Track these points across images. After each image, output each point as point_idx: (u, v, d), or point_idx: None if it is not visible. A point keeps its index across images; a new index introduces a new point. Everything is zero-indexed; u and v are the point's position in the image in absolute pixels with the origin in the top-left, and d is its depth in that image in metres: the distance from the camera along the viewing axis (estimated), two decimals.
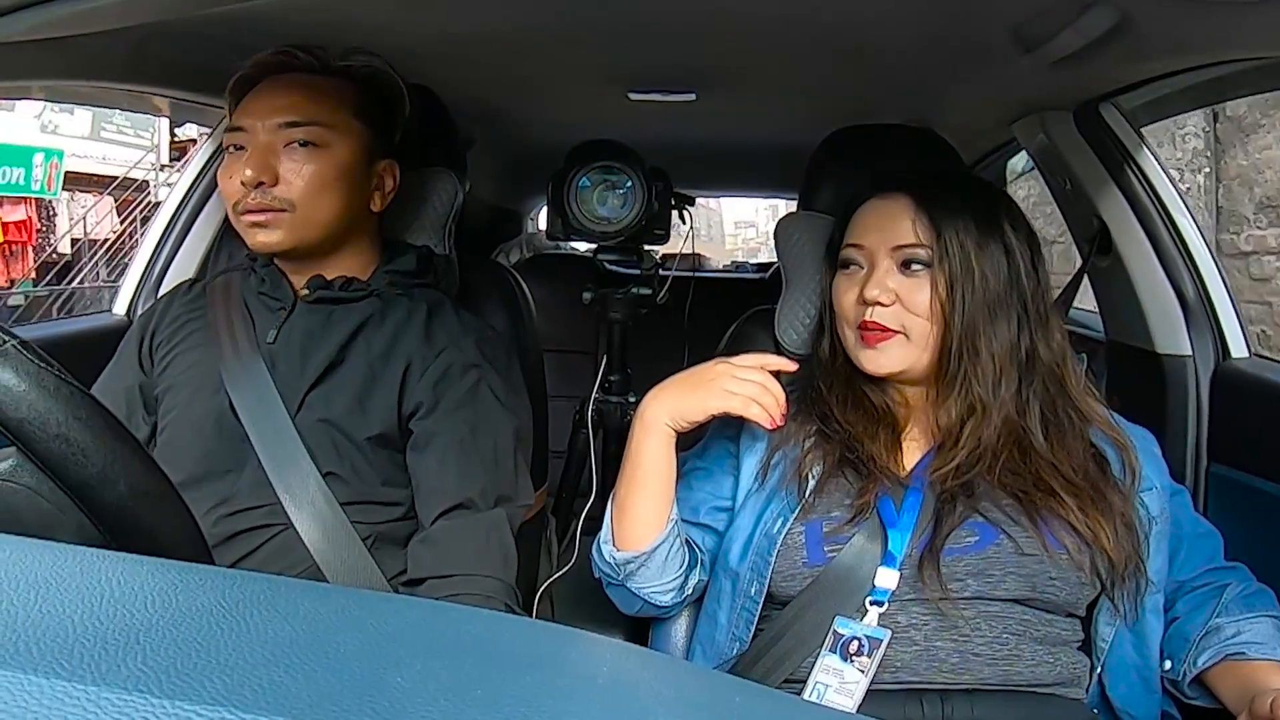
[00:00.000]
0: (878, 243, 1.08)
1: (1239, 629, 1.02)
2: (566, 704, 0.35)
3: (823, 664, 1.02)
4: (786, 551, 1.06)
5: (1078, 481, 1.03)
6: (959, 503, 1.04)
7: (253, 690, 0.31)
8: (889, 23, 1.36)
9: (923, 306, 1.06)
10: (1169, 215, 1.52)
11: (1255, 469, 1.39)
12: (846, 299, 1.10)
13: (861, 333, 1.08)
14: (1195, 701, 1.05)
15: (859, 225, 1.11)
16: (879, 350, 1.07)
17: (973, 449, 1.04)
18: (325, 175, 1.17)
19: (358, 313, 1.22)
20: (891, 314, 1.06)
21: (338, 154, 1.18)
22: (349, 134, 1.19)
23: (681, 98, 1.91)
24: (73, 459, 0.55)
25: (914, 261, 1.07)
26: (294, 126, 1.16)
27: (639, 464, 1.09)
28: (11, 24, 0.90)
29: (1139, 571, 1.02)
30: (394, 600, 0.42)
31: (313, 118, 1.17)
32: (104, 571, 0.41)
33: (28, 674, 0.31)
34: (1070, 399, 1.08)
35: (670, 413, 1.08)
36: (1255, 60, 1.20)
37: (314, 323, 1.21)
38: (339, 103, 1.20)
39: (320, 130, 1.17)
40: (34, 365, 0.54)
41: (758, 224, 15.58)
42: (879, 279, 1.07)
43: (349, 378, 1.18)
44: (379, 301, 1.23)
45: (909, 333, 1.06)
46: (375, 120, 1.23)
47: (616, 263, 1.87)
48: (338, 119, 1.18)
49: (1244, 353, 1.51)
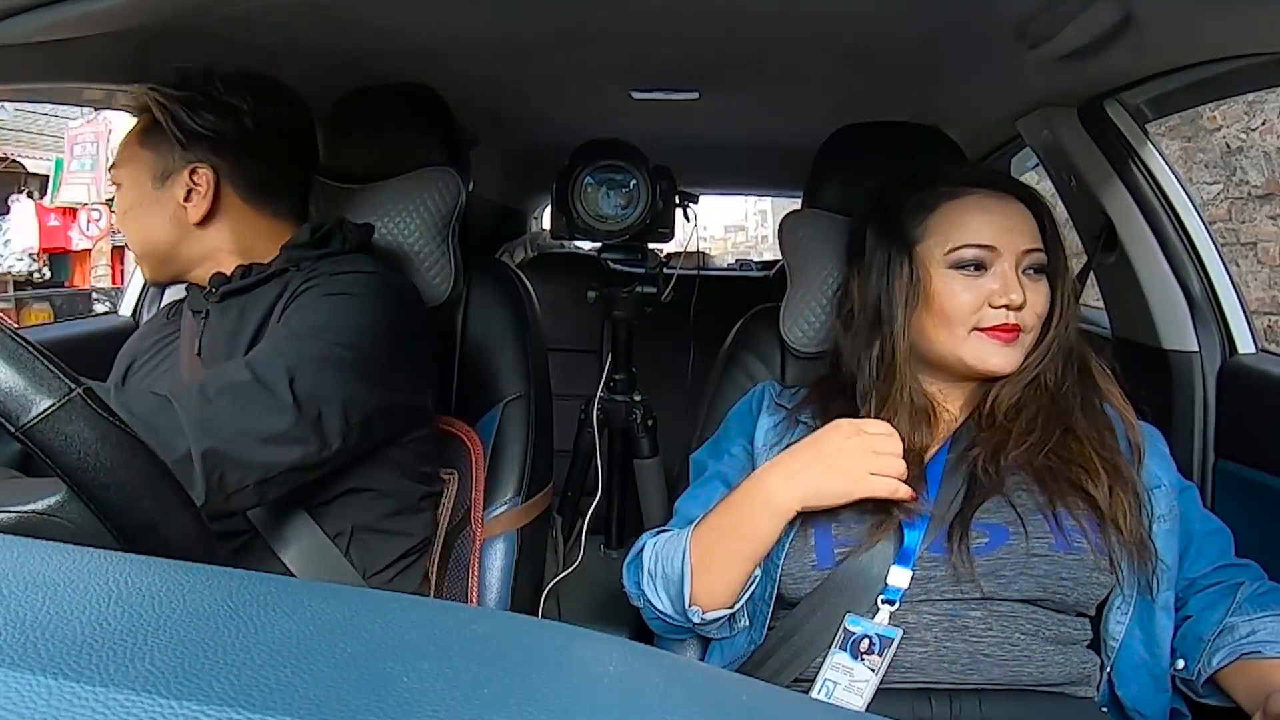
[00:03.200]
0: (1008, 245, 1.08)
1: (1253, 628, 1.02)
2: (573, 703, 0.35)
3: (832, 661, 1.02)
4: (794, 555, 1.06)
5: (1107, 455, 1.06)
6: (987, 481, 1.05)
7: (260, 690, 0.31)
8: (893, 20, 1.36)
9: (1043, 309, 1.09)
10: (1174, 211, 1.52)
11: (1263, 465, 1.38)
12: (965, 298, 1.08)
13: (991, 332, 1.08)
14: (1208, 700, 1.05)
15: (973, 224, 1.09)
16: (1010, 348, 1.08)
17: (1022, 431, 1.07)
18: (121, 210, 1.26)
19: (268, 296, 1.22)
20: (1020, 315, 1.07)
21: (126, 187, 1.25)
22: (130, 165, 1.24)
23: (685, 96, 1.91)
24: (126, 507, 0.57)
25: (1036, 266, 1.09)
26: (109, 172, 1.28)
27: (753, 542, 1.04)
28: (16, 26, 0.91)
29: (1146, 549, 1.03)
30: (401, 600, 0.42)
31: (114, 163, 1.26)
32: (111, 572, 0.41)
33: (36, 674, 0.31)
34: (1091, 373, 1.12)
35: (807, 498, 1.02)
36: (1260, 56, 1.19)
37: (229, 320, 1.22)
38: (127, 141, 1.26)
39: (115, 172, 1.26)
40: (98, 416, 0.56)
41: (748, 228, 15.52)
42: (1013, 281, 1.07)
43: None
44: (284, 281, 1.22)
45: (1027, 332, 1.09)
46: (154, 142, 1.23)
47: (621, 261, 1.87)
48: (123, 156, 1.25)
49: (1251, 348, 1.51)
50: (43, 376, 0.55)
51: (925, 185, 1.14)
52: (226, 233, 1.25)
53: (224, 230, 1.25)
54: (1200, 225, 1.53)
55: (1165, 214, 1.52)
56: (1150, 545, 1.03)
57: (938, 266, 1.09)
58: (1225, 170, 4.24)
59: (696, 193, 1.83)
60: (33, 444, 0.55)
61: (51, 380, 0.55)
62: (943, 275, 1.09)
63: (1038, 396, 1.09)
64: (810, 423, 1.13)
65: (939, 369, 1.13)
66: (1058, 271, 1.11)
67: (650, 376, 1.98)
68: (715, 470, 1.17)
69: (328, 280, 1.17)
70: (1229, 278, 1.53)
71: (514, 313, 1.49)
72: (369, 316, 1.15)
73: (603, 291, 1.87)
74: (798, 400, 1.19)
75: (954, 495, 1.06)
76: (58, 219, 8.69)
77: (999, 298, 1.06)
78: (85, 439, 0.55)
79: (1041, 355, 1.09)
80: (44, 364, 0.56)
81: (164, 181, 1.22)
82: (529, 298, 1.53)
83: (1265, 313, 4.07)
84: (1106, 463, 1.05)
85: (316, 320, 1.12)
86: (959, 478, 1.07)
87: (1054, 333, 1.10)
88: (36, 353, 0.56)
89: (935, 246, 1.10)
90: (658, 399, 1.94)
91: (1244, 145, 4.14)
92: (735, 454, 1.17)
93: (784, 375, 1.35)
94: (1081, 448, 1.06)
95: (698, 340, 1.99)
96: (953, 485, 1.06)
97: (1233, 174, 4.21)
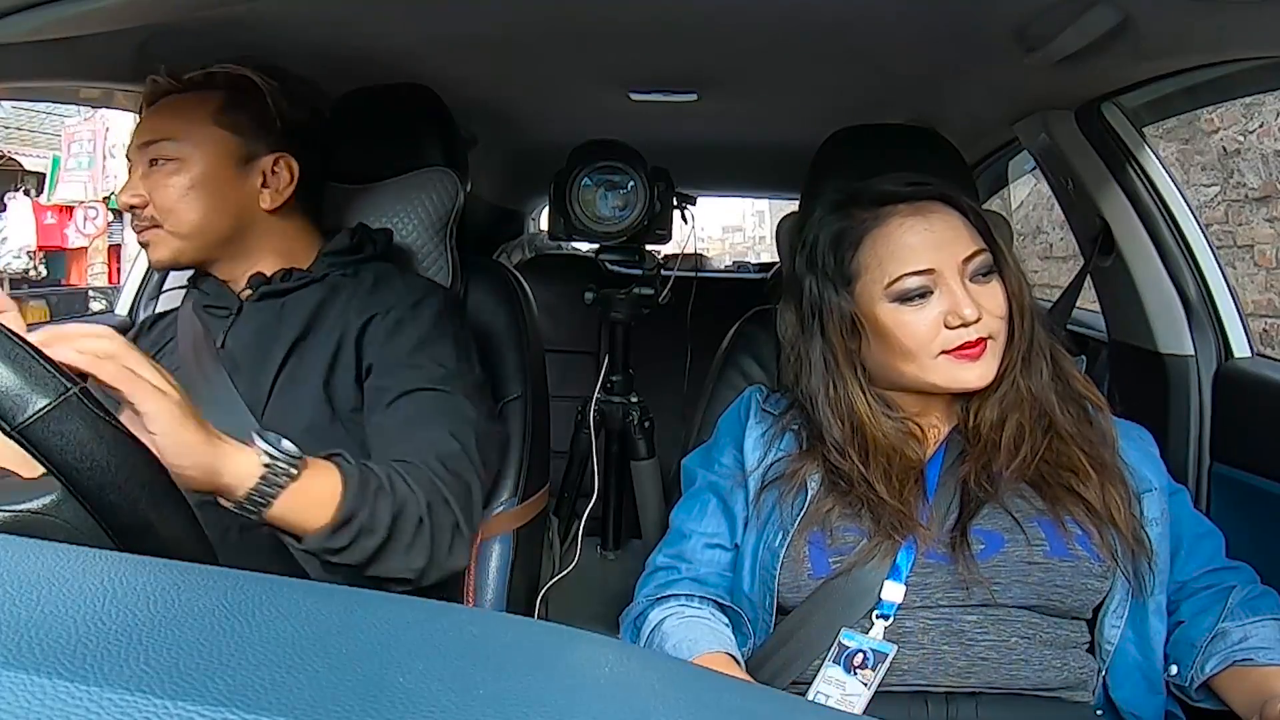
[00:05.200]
0: (946, 261, 1.03)
1: (1245, 634, 1.02)
2: (568, 704, 0.35)
3: (825, 674, 1.02)
4: (789, 565, 1.05)
5: (1091, 450, 1.05)
6: (981, 492, 1.04)
7: (255, 690, 0.31)
8: (891, 22, 1.36)
9: (1002, 309, 1.05)
10: (1171, 215, 1.52)
11: (1258, 469, 1.38)
12: (920, 330, 1.03)
13: (957, 353, 1.03)
14: (1202, 704, 1.05)
15: (905, 250, 1.04)
16: (980, 362, 1.03)
17: (1010, 442, 1.05)
18: (180, 186, 1.19)
19: (309, 300, 1.22)
20: (980, 325, 1.03)
21: (194, 163, 1.19)
22: (206, 142, 1.20)
23: (683, 98, 1.91)
24: (121, 507, 0.57)
25: (982, 270, 1.05)
26: (147, 146, 1.21)
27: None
28: (15, 25, 0.91)
29: (1142, 543, 1.03)
30: (396, 600, 0.42)
31: (162, 135, 1.20)
32: (107, 572, 0.41)
33: (31, 674, 0.31)
34: (1064, 369, 1.10)
35: None
36: (1257, 60, 1.20)
37: (265, 319, 1.22)
38: (192, 116, 1.22)
39: (171, 145, 1.20)
40: (94, 415, 0.56)
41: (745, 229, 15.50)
42: (961, 297, 1.02)
43: (312, 365, 1.19)
44: (326, 286, 1.24)
45: (994, 337, 1.05)
46: (241, 124, 1.23)
47: (618, 263, 1.87)
48: (191, 131, 1.21)
49: (1246, 352, 1.51)
50: (39, 375, 0.55)
51: (843, 214, 1.09)
52: (280, 230, 1.26)
53: (280, 226, 1.26)
54: (1196, 229, 1.53)
55: (1162, 217, 1.52)
56: (1145, 538, 1.04)
57: (881, 303, 1.05)
58: (1222, 173, 4.25)
59: (694, 194, 1.83)
60: (28, 443, 0.55)
61: (48, 379, 0.55)
62: (889, 310, 1.04)
63: (1019, 405, 1.06)
64: (799, 432, 1.13)
65: (912, 391, 1.10)
66: (1005, 264, 1.06)
67: (647, 378, 1.98)
68: (706, 481, 1.17)
69: (411, 311, 1.19)
70: (1225, 281, 1.53)
71: (511, 314, 1.49)
72: (465, 343, 1.23)
73: (600, 293, 1.87)
74: (784, 406, 1.17)
75: (950, 501, 1.06)
76: (54, 216, 8.69)
77: (953, 319, 1.02)
78: (81, 438, 0.55)
79: (1015, 362, 1.06)
80: (40, 363, 0.56)
81: (245, 165, 1.22)
82: (526, 299, 1.53)
83: (1261, 316, 4.07)
84: (1093, 459, 1.05)
85: (437, 371, 1.16)
86: (953, 485, 1.06)
87: (1020, 332, 1.06)
88: (33, 351, 0.55)
89: (873, 283, 1.05)
90: (655, 401, 1.94)
91: (1241, 148, 4.14)
92: (726, 464, 1.16)
93: (780, 378, 1.34)
94: (1067, 447, 1.05)
95: (695, 342, 1.98)
96: (947, 492, 1.06)
97: (1230, 176, 4.22)
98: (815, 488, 1.07)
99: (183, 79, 1.24)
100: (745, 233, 15.49)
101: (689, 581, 1.12)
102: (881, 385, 1.10)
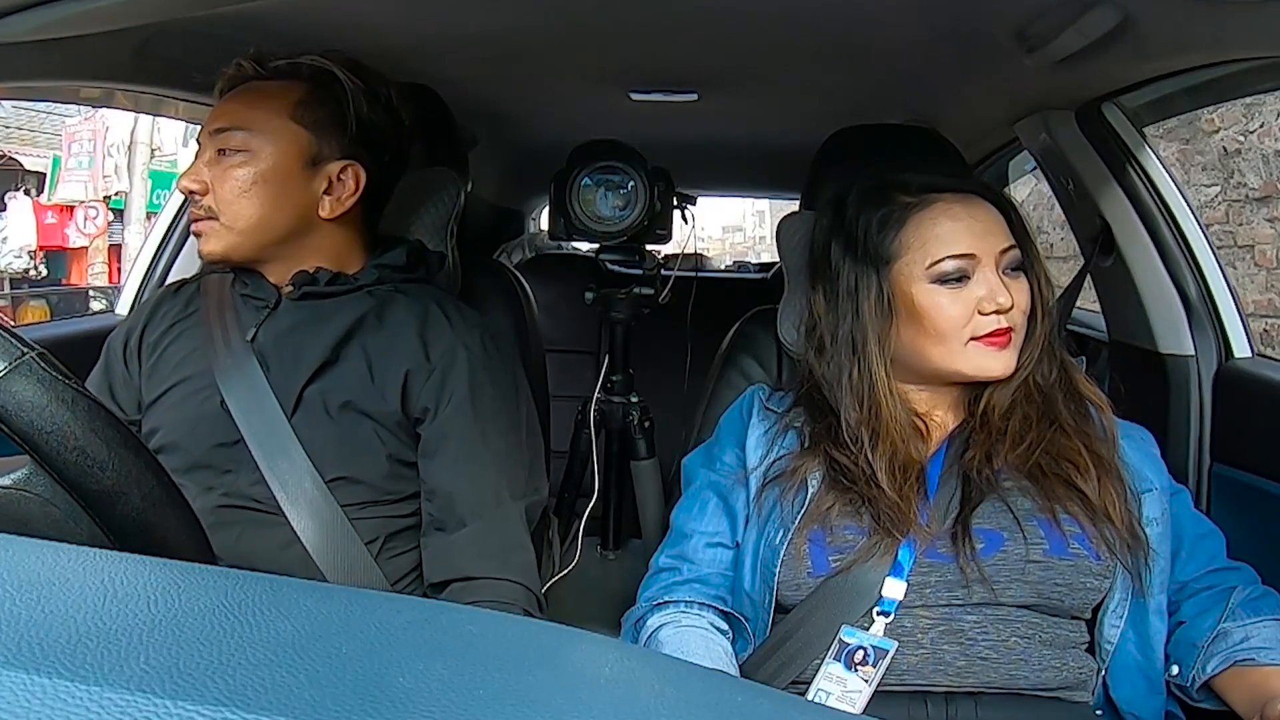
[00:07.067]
0: (986, 249, 1.06)
1: (1247, 634, 1.02)
2: (569, 704, 0.35)
3: (826, 671, 1.02)
4: (789, 563, 1.05)
5: (1091, 446, 1.06)
6: (981, 483, 1.05)
7: (255, 690, 0.31)
8: (891, 22, 1.36)
9: (1027, 305, 1.08)
10: (1172, 215, 1.52)
11: (1258, 469, 1.38)
12: (955, 311, 1.06)
13: (987, 340, 1.06)
14: (1203, 704, 1.05)
15: (949, 234, 1.06)
16: (1006, 352, 1.07)
17: (1016, 431, 1.07)
18: (244, 180, 1.14)
19: (351, 308, 1.20)
20: (1008, 316, 1.06)
21: (262, 158, 1.15)
22: (279, 137, 1.16)
23: (684, 98, 1.91)
24: (89, 471, 0.56)
25: (1014, 264, 1.08)
26: (219, 134, 1.16)
27: None
28: (14, 24, 0.91)
29: (1137, 538, 1.03)
30: (396, 600, 0.42)
31: (235, 124, 1.16)
32: (106, 571, 0.41)
33: (31, 674, 0.31)
34: (1069, 368, 1.13)
35: None
36: (1258, 60, 1.20)
37: (303, 319, 1.20)
38: (270, 107, 1.17)
39: (241, 135, 1.15)
40: (53, 377, 0.55)
41: (745, 228, 15.49)
42: (997, 285, 1.05)
43: (347, 375, 1.18)
44: (371, 298, 1.22)
45: (1017, 330, 1.08)
46: (319, 122, 1.18)
47: (619, 263, 1.86)
48: (266, 123, 1.16)
49: (1247, 352, 1.51)
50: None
51: (885, 198, 1.11)
52: (336, 237, 1.22)
53: (337, 234, 1.22)
54: (1197, 229, 1.53)
55: (1162, 217, 1.52)
56: (1141, 534, 1.04)
57: (919, 283, 1.06)
58: (1223, 173, 4.25)
59: (694, 194, 1.83)
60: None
61: (3, 344, 0.55)
62: (926, 291, 1.06)
63: (1029, 396, 1.09)
64: (802, 430, 1.13)
65: (929, 380, 1.11)
66: (1033, 265, 1.10)
67: (648, 378, 1.97)
68: (707, 480, 1.17)
69: (477, 354, 1.20)
70: (1225, 281, 1.53)
71: (512, 314, 1.49)
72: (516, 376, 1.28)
73: (600, 293, 1.86)
74: (788, 404, 1.17)
75: (949, 499, 1.06)
76: (55, 216, 8.69)
77: (988, 304, 1.05)
78: (39, 402, 0.54)
79: (1032, 354, 1.09)
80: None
81: (314, 166, 1.18)
82: (526, 299, 1.53)
83: (1262, 316, 4.07)
84: (1093, 454, 1.06)
85: (497, 405, 1.21)
86: (954, 481, 1.07)
87: (1040, 328, 1.09)
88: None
89: (913, 263, 1.07)
90: (655, 400, 1.94)
91: (1242, 148, 4.14)
92: (728, 463, 1.16)
93: (780, 377, 1.34)
94: (1069, 441, 1.07)
95: (695, 342, 1.98)
96: (948, 489, 1.06)
97: (1230, 176, 4.22)
98: (816, 485, 1.07)
99: (268, 66, 1.19)
100: (745, 233, 15.50)
101: (691, 583, 1.12)
102: (900, 376, 1.11)
